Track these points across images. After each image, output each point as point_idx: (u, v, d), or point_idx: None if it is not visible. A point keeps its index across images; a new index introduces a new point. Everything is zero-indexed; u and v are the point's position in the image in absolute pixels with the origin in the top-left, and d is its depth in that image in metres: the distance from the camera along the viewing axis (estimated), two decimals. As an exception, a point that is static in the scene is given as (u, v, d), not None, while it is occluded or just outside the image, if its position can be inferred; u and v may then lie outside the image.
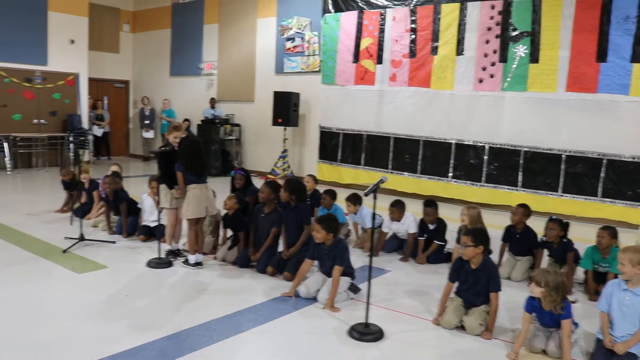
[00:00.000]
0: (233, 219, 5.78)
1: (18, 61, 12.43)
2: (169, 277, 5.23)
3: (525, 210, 5.69)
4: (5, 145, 11.95)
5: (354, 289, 4.83)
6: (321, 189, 7.08)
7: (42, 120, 13.08)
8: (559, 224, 5.30)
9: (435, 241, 6.09)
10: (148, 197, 6.60)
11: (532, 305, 3.77)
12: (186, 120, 14.13)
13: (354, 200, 6.42)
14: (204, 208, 5.44)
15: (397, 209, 6.18)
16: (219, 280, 5.19)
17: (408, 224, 6.18)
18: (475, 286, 4.19)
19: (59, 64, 13.18)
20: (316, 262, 4.90)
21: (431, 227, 6.13)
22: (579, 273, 5.49)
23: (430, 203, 6.19)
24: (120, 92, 16.35)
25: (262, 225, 5.55)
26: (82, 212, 6.93)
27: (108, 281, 5.03)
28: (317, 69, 11.84)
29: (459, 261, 4.28)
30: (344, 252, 4.63)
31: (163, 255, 5.62)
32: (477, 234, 4.19)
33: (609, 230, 5.00)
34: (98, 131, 14.65)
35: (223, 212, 5.95)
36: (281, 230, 5.50)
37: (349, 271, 4.75)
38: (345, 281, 4.71)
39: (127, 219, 6.64)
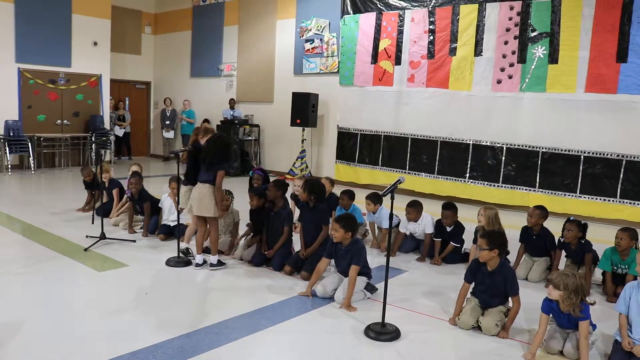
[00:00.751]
0: (257, 214, 5.80)
1: (43, 63, 12.66)
2: (188, 276, 5.30)
3: (541, 212, 5.64)
4: (30, 145, 12.19)
5: (370, 288, 4.86)
6: (339, 189, 7.11)
7: (65, 121, 13.30)
8: (577, 225, 5.27)
9: (452, 243, 6.09)
10: (168, 198, 6.70)
11: (550, 306, 3.75)
12: (205, 120, 14.25)
13: (375, 199, 6.43)
14: (188, 205, 5.57)
15: (414, 210, 6.18)
16: (236, 279, 5.25)
17: (425, 225, 6.17)
18: (491, 288, 4.18)
19: (82, 66, 13.39)
20: (333, 262, 4.94)
21: (448, 229, 6.13)
22: (597, 274, 5.46)
23: (449, 206, 6.16)
24: (142, 93, 16.56)
25: (272, 223, 5.61)
26: (103, 212, 7.03)
27: (128, 279, 5.12)
28: (335, 70, 11.88)
29: (476, 262, 4.26)
30: (360, 251, 4.65)
31: (182, 254, 5.71)
32: (492, 237, 4.14)
33: (629, 232, 4.97)
34: (119, 131, 14.87)
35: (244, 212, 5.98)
36: (292, 228, 5.53)
37: (365, 271, 4.77)
38: (361, 281, 4.74)
39: (149, 218, 6.75)
